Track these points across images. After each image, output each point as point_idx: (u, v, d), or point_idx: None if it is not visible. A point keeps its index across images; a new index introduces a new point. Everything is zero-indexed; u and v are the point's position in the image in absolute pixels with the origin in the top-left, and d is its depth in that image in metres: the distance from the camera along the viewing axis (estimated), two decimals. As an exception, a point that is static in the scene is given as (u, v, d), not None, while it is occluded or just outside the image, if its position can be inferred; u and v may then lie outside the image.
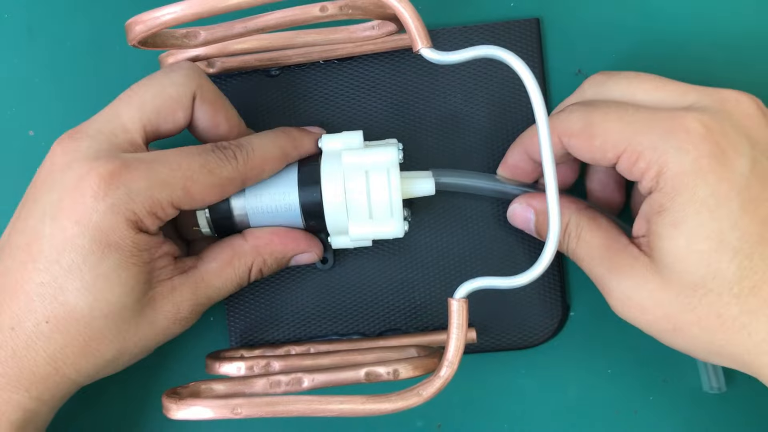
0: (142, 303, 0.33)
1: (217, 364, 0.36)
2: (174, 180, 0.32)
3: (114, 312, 0.32)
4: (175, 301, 0.34)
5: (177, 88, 0.35)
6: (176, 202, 0.33)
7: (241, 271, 0.36)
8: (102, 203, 0.31)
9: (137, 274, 0.32)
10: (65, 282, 0.31)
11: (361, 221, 0.35)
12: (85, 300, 0.31)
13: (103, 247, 0.31)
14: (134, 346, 0.34)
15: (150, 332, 0.34)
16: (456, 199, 0.40)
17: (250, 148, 0.35)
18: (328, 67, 0.41)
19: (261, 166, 0.35)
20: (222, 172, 0.34)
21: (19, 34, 0.43)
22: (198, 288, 0.35)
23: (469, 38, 0.41)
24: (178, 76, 0.35)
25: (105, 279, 0.31)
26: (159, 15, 0.31)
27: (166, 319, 0.34)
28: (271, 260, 0.37)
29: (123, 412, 0.41)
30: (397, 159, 0.36)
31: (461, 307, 0.32)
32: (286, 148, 0.36)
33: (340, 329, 0.41)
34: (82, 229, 0.31)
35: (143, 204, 0.32)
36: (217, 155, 0.34)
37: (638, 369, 0.40)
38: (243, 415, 0.31)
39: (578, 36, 0.41)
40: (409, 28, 0.31)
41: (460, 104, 0.41)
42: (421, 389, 0.32)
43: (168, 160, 0.33)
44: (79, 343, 0.32)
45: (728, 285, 0.30)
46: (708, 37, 0.41)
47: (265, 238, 0.37)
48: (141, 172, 0.32)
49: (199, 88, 0.35)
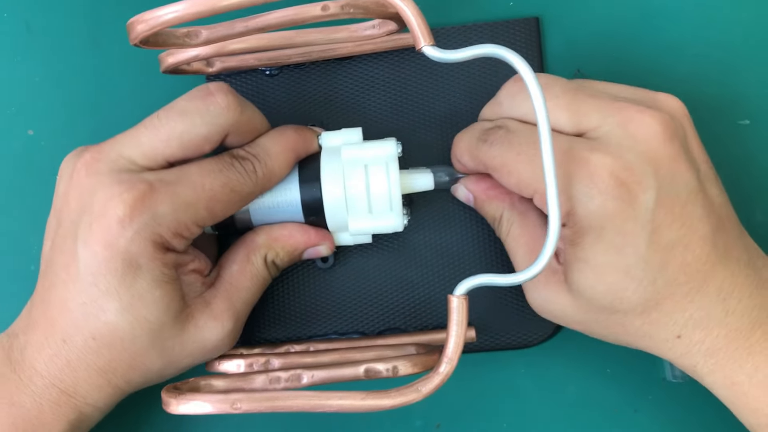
0: (182, 320, 0.34)
1: (216, 362, 0.37)
2: (198, 201, 0.33)
3: (155, 330, 0.33)
4: (214, 315, 0.35)
5: (209, 128, 0.34)
6: (200, 222, 0.34)
7: (259, 265, 0.37)
8: (128, 229, 0.32)
9: (171, 292, 0.33)
10: (104, 303, 0.32)
11: (361, 215, 0.36)
12: (126, 319, 0.32)
13: (135, 270, 0.32)
14: (180, 361, 0.35)
15: (197, 351, 0.35)
16: (456, 197, 0.40)
17: (267, 158, 0.35)
18: (328, 67, 0.42)
19: (279, 175, 0.36)
20: (243, 188, 0.35)
21: (19, 33, 0.43)
22: (231, 294, 0.36)
23: (469, 37, 0.41)
24: (214, 115, 0.34)
25: (140, 299, 0.32)
26: (161, 14, 0.31)
27: (212, 335, 0.35)
28: (284, 253, 0.37)
29: (123, 408, 0.41)
30: (396, 152, 0.36)
31: (461, 303, 0.32)
32: (298, 150, 0.37)
33: (339, 328, 0.41)
34: (112, 254, 0.32)
35: (168, 227, 0.33)
36: (237, 171, 0.34)
37: (638, 368, 0.40)
38: (242, 409, 0.31)
39: (578, 35, 0.41)
40: (411, 26, 0.31)
41: (460, 104, 0.41)
42: (420, 385, 0.32)
43: (191, 180, 0.33)
44: (125, 358, 0.33)
45: (633, 307, 0.33)
46: (708, 37, 0.41)
47: (276, 231, 0.37)
48: (164, 195, 0.32)
49: (233, 127, 0.34)
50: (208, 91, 0.34)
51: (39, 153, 0.43)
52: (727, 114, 0.41)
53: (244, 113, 0.35)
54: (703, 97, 0.41)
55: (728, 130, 0.41)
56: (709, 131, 0.40)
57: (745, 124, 0.40)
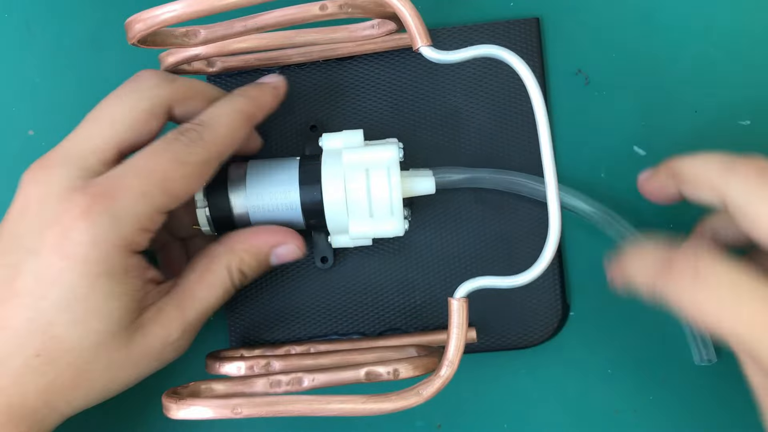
0: (131, 330, 0.32)
1: (217, 364, 0.36)
2: (151, 187, 0.32)
3: (104, 341, 0.31)
4: (163, 323, 0.33)
5: (148, 102, 0.33)
6: (161, 207, 0.32)
7: (221, 275, 0.35)
8: (87, 235, 0.30)
9: (127, 302, 0.32)
10: (54, 316, 0.31)
11: (362, 220, 0.35)
12: (76, 332, 0.31)
13: (92, 278, 0.31)
14: (125, 374, 0.33)
15: (141, 360, 0.33)
16: (456, 198, 0.40)
17: (213, 123, 0.34)
18: (327, 67, 0.41)
19: (231, 137, 0.34)
20: (193, 158, 0.33)
21: (19, 33, 0.43)
22: (184, 303, 0.34)
23: (469, 38, 0.41)
24: (147, 87, 0.34)
25: (94, 309, 0.31)
26: (159, 13, 0.31)
27: (157, 343, 0.33)
28: (249, 257, 0.36)
29: (123, 413, 0.41)
30: (398, 157, 0.36)
31: (461, 306, 0.32)
32: (247, 110, 0.35)
33: (340, 329, 0.41)
34: (69, 264, 0.30)
35: (130, 224, 0.31)
36: (182, 142, 0.33)
37: (638, 369, 0.40)
38: (243, 414, 0.31)
39: (578, 35, 0.41)
40: (408, 27, 0.31)
41: (460, 103, 0.41)
42: (421, 389, 0.32)
43: (139, 167, 0.32)
44: (70, 374, 0.31)
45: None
46: (708, 37, 0.41)
47: (239, 234, 0.36)
48: (118, 192, 0.31)
49: (172, 96, 0.34)
50: (136, 74, 0.35)
51: (39, 153, 0.42)
52: (727, 114, 0.40)
53: (176, 81, 0.35)
54: (703, 97, 0.40)
55: (728, 130, 0.40)
56: (709, 131, 0.40)
57: (746, 124, 0.40)
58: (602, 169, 0.41)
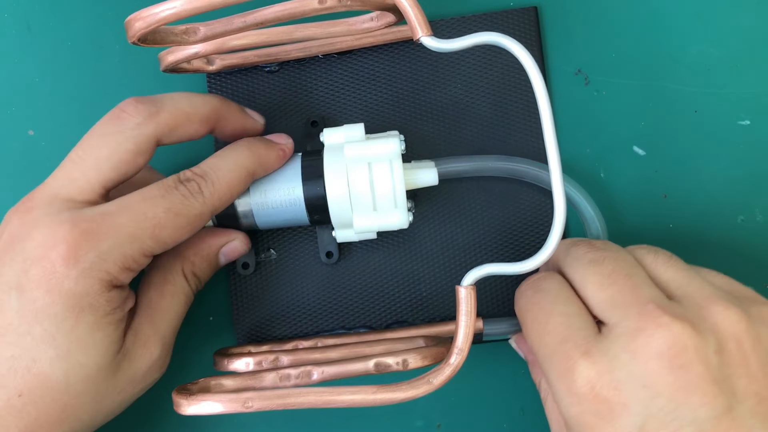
0: (118, 359, 0.32)
1: (225, 360, 0.36)
2: (142, 231, 0.32)
3: (91, 375, 0.31)
4: (143, 343, 0.34)
5: (134, 141, 0.33)
6: (147, 251, 0.32)
7: (180, 282, 0.36)
8: (73, 270, 0.30)
9: (111, 333, 0.32)
10: (38, 353, 0.30)
11: (366, 213, 0.35)
12: (61, 368, 0.31)
13: (77, 312, 0.31)
14: (112, 403, 0.33)
15: (127, 386, 0.33)
16: (459, 189, 0.40)
17: (214, 177, 0.34)
18: (327, 61, 0.41)
19: (229, 193, 0.34)
20: (189, 211, 0.33)
21: (19, 33, 0.43)
22: (154, 318, 0.35)
23: (468, 28, 0.41)
24: (132, 127, 0.33)
25: (80, 344, 0.31)
26: (158, 11, 0.31)
27: (143, 365, 0.34)
28: (200, 260, 0.36)
29: (133, 410, 0.41)
30: (400, 150, 0.36)
31: (469, 294, 0.32)
32: (251, 168, 0.35)
33: (346, 323, 0.41)
34: (54, 298, 0.30)
35: (115, 262, 0.31)
36: (181, 193, 0.33)
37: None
38: (254, 408, 0.31)
39: (577, 24, 0.41)
40: (408, 17, 0.31)
41: (460, 94, 0.41)
42: (431, 377, 0.32)
43: (132, 210, 0.32)
44: (54, 411, 0.31)
45: None
46: (708, 37, 0.41)
47: (185, 243, 0.36)
48: (107, 230, 0.31)
49: (159, 130, 0.33)
50: (118, 108, 0.33)
51: (39, 153, 0.43)
52: (727, 114, 0.40)
53: (161, 113, 0.33)
54: (703, 97, 0.40)
55: (728, 130, 0.40)
56: (709, 131, 0.40)
57: (745, 124, 0.40)
58: (602, 169, 0.41)
